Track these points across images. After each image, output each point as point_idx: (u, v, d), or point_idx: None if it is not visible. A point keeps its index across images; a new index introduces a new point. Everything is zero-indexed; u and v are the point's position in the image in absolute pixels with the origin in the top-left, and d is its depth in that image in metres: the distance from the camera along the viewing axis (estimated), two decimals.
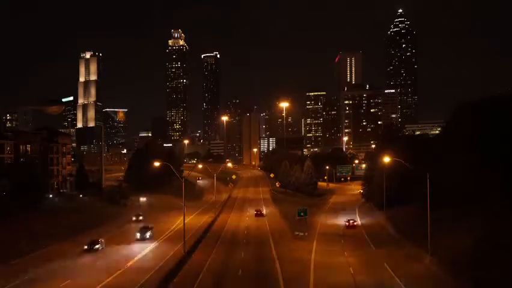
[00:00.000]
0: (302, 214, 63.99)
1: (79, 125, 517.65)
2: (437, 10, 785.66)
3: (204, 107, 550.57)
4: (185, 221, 53.63)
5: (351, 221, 69.53)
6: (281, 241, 57.60)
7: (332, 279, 38.45)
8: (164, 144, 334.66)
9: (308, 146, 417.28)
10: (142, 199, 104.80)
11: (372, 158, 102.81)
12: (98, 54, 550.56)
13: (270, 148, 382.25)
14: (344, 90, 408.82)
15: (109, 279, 40.56)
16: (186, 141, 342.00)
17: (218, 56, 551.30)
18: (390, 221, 65.60)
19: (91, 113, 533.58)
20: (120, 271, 43.53)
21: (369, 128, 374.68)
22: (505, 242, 36.50)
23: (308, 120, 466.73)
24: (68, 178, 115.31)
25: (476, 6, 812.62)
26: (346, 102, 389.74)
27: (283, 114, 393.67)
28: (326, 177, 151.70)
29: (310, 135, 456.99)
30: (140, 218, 79.99)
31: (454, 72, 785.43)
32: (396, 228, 60.63)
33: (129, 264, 46.84)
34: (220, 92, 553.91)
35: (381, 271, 40.94)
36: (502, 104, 51.87)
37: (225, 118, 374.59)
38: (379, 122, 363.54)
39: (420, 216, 50.24)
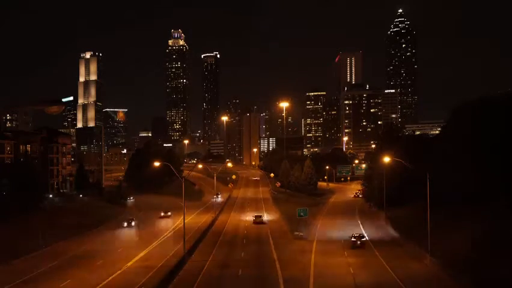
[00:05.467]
0: (302, 214, 63.85)
1: (79, 125, 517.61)
2: (437, 10, 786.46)
3: (204, 107, 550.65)
4: (186, 221, 53.60)
5: (359, 240, 52.10)
6: (281, 241, 57.55)
7: (331, 280, 38.45)
8: (164, 144, 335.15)
9: (308, 146, 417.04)
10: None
11: (372, 158, 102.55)
12: (98, 54, 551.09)
13: (270, 148, 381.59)
14: (344, 90, 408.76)
15: (109, 279, 40.57)
16: (186, 141, 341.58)
17: (218, 56, 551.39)
18: (390, 221, 65.60)
19: (91, 113, 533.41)
20: (120, 271, 43.53)
21: (369, 128, 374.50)
22: (505, 241, 36.50)
23: (308, 120, 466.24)
24: (68, 178, 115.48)
25: (477, 6, 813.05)
26: (346, 102, 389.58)
27: (283, 114, 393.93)
28: (326, 177, 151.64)
29: (310, 135, 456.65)
30: (133, 223, 73.94)
31: (454, 72, 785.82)
32: (396, 228, 60.63)
33: (129, 264, 46.84)
34: (220, 92, 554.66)
35: (381, 271, 40.93)
36: (501, 104, 51.85)
37: (225, 118, 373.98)
38: (379, 122, 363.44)
39: (420, 216, 50.20)
